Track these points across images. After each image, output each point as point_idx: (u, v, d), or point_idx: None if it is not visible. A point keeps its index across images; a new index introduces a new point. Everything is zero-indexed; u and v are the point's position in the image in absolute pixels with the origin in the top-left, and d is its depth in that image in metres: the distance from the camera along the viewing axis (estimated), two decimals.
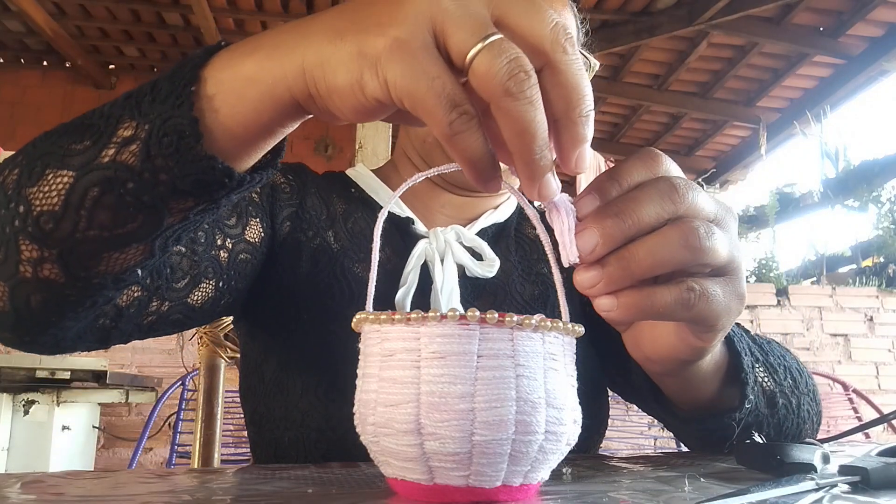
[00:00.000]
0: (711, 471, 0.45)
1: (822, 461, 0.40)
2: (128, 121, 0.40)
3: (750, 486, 0.33)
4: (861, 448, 0.60)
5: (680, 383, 0.54)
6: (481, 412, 0.31)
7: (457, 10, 0.33)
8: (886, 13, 4.47)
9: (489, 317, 0.32)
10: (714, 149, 6.52)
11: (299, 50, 0.37)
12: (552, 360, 0.33)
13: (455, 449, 0.31)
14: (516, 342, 0.32)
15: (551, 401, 0.32)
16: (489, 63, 0.32)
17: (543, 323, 0.33)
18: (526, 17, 0.33)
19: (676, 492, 0.37)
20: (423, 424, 0.31)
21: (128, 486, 0.39)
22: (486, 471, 0.32)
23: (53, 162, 0.41)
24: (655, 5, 4.71)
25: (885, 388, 3.68)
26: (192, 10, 4.72)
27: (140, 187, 0.40)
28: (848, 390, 3.18)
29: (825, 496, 0.34)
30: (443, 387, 0.31)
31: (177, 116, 0.38)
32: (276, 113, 0.39)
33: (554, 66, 0.33)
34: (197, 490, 0.38)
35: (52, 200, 0.41)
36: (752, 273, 4.34)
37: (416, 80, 0.32)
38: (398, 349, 0.33)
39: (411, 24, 0.33)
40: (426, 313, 0.32)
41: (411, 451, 0.32)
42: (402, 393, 0.32)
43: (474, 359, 0.31)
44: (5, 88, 5.74)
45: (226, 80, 0.39)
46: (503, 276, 0.73)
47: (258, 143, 0.41)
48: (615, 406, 2.11)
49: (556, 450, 0.33)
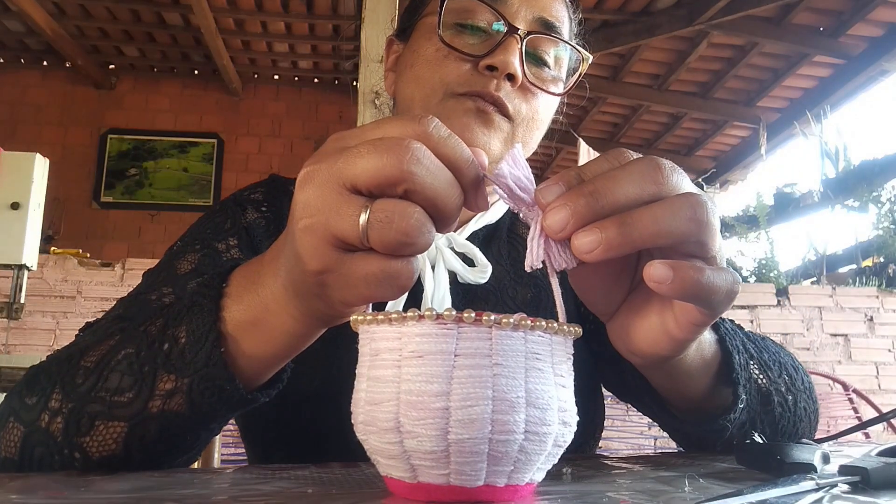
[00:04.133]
0: (711, 471, 0.45)
1: (822, 461, 0.40)
2: (164, 375, 0.45)
3: (750, 486, 0.33)
4: (861, 448, 0.60)
5: (665, 378, 0.53)
6: (456, 411, 0.31)
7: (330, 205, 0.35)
8: (886, 13, 4.47)
9: (466, 316, 0.32)
10: (714, 149, 6.52)
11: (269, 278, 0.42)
12: (535, 359, 0.33)
13: (432, 447, 0.31)
14: (494, 341, 0.32)
15: (533, 400, 0.32)
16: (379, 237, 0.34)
17: (524, 322, 0.32)
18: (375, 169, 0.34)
19: (676, 492, 0.37)
20: (401, 423, 0.31)
21: (128, 486, 0.39)
22: (466, 469, 0.32)
23: (101, 415, 0.46)
24: (655, 5, 4.71)
25: (885, 388, 3.68)
26: (192, 10, 4.72)
27: (188, 423, 0.46)
28: (848, 390, 3.18)
29: (825, 496, 0.34)
30: (420, 385, 0.31)
31: (214, 377, 0.44)
32: (299, 337, 0.44)
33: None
34: (197, 490, 0.38)
35: (111, 447, 0.46)
36: (751, 273, 4.33)
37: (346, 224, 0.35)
38: (382, 349, 0.33)
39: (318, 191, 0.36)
40: (407, 313, 0.32)
41: (393, 448, 0.32)
42: (385, 392, 0.32)
43: (451, 358, 0.31)
44: (5, 88, 5.74)
45: (242, 324, 0.44)
46: (495, 281, 0.72)
47: (292, 355, 0.46)
48: (615, 406, 2.11)
49: (541, 451, 0.33)
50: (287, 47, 5.68)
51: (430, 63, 0.68)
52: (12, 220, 2.04)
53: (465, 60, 0.67)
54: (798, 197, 5.07)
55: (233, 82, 5.90)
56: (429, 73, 0.68)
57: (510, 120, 0.68)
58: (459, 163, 0.35)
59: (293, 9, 5.08)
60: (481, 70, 0.66)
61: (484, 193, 0.37)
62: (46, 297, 3.30)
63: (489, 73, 0.66)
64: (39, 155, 2.11)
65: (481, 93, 0.66)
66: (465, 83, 0.66)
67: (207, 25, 4.94)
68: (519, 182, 0.37)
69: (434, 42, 0.68)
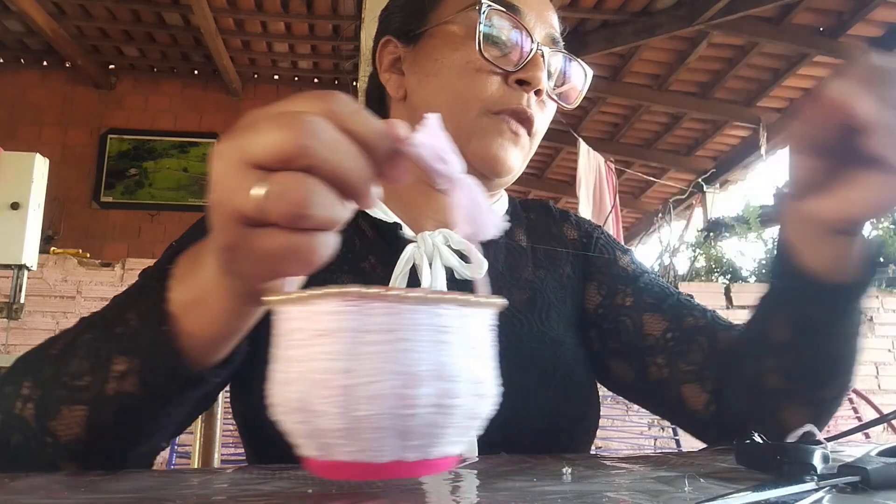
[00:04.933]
0: (711, 471, 0.45)
1: (822, 461, 0.40)
2: (117, 357, 0.47)
3: (750, 486, 0.33)
4: (861, 448, 0.60)
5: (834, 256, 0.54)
6: (361, 387, 0.31)
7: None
8: (886, 13, 4.47)
9: (371, 292, 0.31)
10: (714, 149, 6.52)
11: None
12: (444, 332, 0.32)
13: (339, 425, 0.31)
14: (399, 316, 0.32)
15: (442, 373, 0.32)
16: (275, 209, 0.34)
17: (430, 296, 0.32)
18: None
19: (676, 492, 0.37)
20: (310, 402, 0.32)
21: (128, 486, 0.39)
22: (374, 446, 0.32)
23: (64, 400, 0.48)
24: (655, 5, 4.71)
25: (885, 388, 3.68)
26: (192, 10, 4.72)
27: (145, 405, 0.48)
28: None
29: (825, 496, 0.34)
30: (325, 364, 0.31)
31: (162, 356, 0.45)
32: (237, 315, 0.44)
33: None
34: (197, 490, 0.38)
35: (75, 431, 0.48)
36: (751, 273, 4.34)
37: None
38: (294, 329, 0.33)
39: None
40: (312, 292, 0.32)
41: (304, 428, 0.32)
42: (294, 371, 0.32)
43: (356, 335, 0.31)
44: (5, 88, 5.74)
45: (185, 304, 0.45)
46: (490, 283, 0.72)
47: (236, 334, 0.47)
48: (615, 406, 2.11)
49: (451, 423, 0.33)
50: (287, 47, 5.68)
51: (461, 75, 0.69)
52: (12, 220, 2.04)
53: (496, 73, 0.69)
54: None
55: (233, 82, 5.90)
56: (461, 86, 0.69)
57: (531, 134, 0.72)
58: (367, 136, 0.35)
59: (293, 9, 5.08)
60: (511, 84, 0.69)
61: (401, 166, 0.37)
62: (46, 297, 3.31)
63: (520, 89, 0.69)
64: (39, 155, 2.12)
65: (516, 110, 0.69)
66: (501, 100, 0.69)
67: (207, 25, 4.94)
68: (435, 152, 0.36)
69: (464, 53, 0.69)
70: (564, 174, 7.24)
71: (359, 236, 0.72)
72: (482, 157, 0.69)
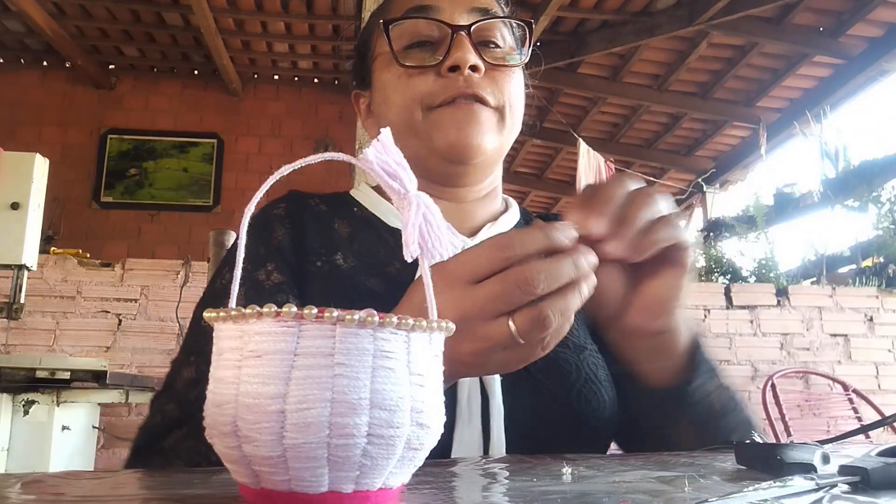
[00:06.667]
0: (711, 471, 0.45)
1: (822, 461, 0.40)
2: None
3: (750, 486, 0.33)
4: (861, 448, 0.60)
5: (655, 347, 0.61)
6: (292, 414, 0.29)
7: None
8: (886, 13, 4.47)
9: (307, 313, 0.30)
10: (714, 149, 6.52)
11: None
12: (385, 358, 0.31)
13: (268, 453, 0.29)
14: (338, 339, 0.30)
15: (380, 402, 0.30)
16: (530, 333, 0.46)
17: (370, 318, 0.30)
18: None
19: (676, 492, 0.37)
20: (239, 427, 0.30)
21: (128, 487, 0.39)
22: (305, 475, 0.30)
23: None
24: (655, 5, 4.71)
25: (885, 389, 3.68)
26: (192, 10, 4.72)
27: None
28: (848, 390, 3.18)
29: (825, 496, 0.34)
30: (256, 387, 0.30)
31: None
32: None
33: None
34: (197, 490, 0.38)
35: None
36: (751, 273, 4.33)
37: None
38: (226, 348, 0.32)
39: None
40: (247, 310, 0.31)
41: (234, 453, 0.31)
42: (225, 393, 0.31)
43: (290, 357, 0.30)
44: (5, 88, 5.74)
45: None
46: None
47: None
48: None
49: (389, 455, 0.31)
50: (287, 47, 5.68)
51: (397, 88, 0.73)
52: (12, 220, 2.04)
53: (427, 73, 0.71)
54: (798, 197, 5.06)
55: (233, 82, 5.90)
56: (399, 95, 0.72)
57: (493, 109, 0.71)
58: (551, 246, 0.46)
59: (293, 9, 5.08)
60: (445, 74, 0.70)
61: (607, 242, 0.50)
62: (46, 297, 3.30)
63: (454, 75, 0.70)
64: (39, 155, 2.11)
65: (456, 95, 0.70)
66: (439, 92, 0.70)
67: (207, 25, 4.94)
68: (387, 167, 0.34)
69: (394, 69, 0.73)
70: (564, 174, 7.24)
71: (381, 244, 0.74)
72: (447, 147, 0.70)
